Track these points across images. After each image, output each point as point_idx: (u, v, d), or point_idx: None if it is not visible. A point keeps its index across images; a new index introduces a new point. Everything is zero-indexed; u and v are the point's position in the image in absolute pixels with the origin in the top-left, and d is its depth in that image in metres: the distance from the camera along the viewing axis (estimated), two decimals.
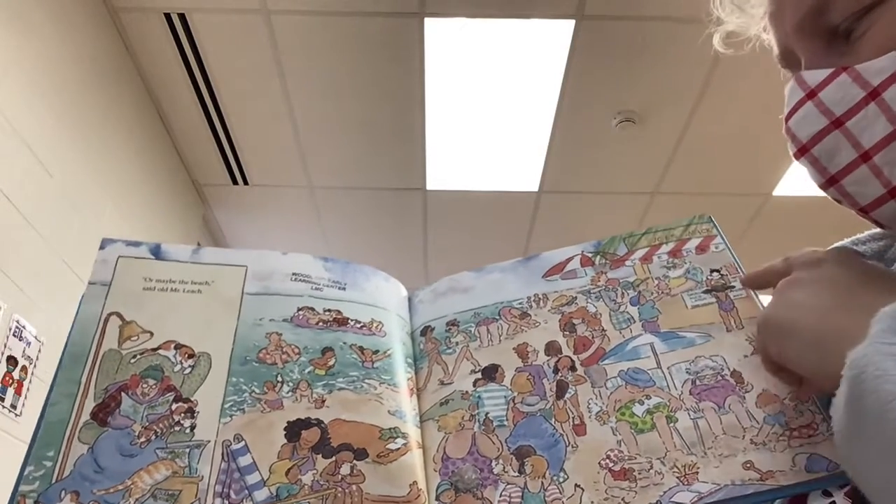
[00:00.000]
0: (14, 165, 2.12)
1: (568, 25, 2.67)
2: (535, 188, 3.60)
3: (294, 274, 0.59)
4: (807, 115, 0.47)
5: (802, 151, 0.48)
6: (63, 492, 0.45)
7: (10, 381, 2.05)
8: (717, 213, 0.64)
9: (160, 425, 0.49)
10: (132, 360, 0.51)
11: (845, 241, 0.60)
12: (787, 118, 0.49)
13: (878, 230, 0.58)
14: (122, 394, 0.50)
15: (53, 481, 0.45)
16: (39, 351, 2.19)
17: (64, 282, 2.35)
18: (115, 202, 2.78)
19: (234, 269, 0.58)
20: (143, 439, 0.48)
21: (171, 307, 0.55)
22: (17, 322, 2.10)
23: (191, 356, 0.53)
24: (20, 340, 2.11)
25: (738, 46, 0.64)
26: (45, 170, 2.29)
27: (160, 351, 0.52)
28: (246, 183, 3.61)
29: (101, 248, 0.57)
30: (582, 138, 3.25)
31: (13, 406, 2.06)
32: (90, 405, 0.49)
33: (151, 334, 0.53)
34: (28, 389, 2.12)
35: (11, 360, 2.06)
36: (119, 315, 0.53)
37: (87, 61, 2.56)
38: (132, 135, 2.94)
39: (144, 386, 0.50)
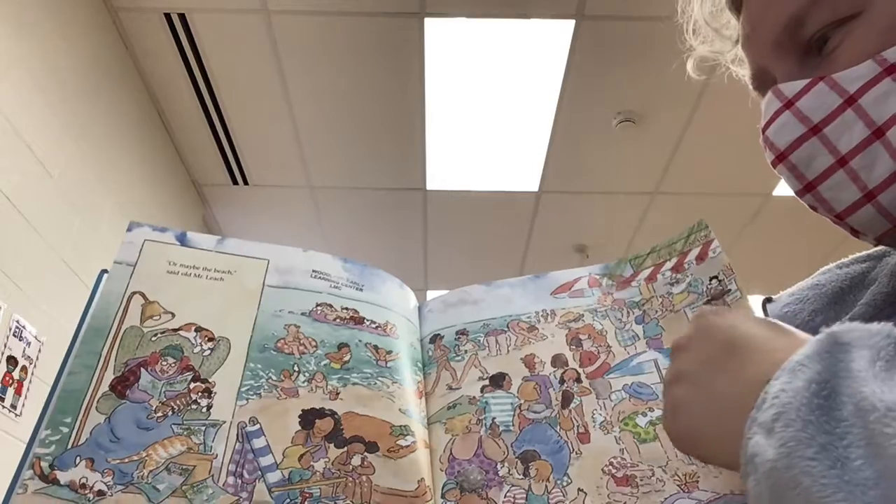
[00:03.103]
0: (14, 165, 2.12)
1: (568, 25, 2.67)
2: (535, 188, 3.60)
3: (314, 271, 0.61)
4: (785, 124, 0.48)
5: (780, 158, 0.49)
6: (78, 457, 0.46)
7: (10, 381, 2.05)
8: (717, 213, 0.65)
9: (177, 402, 0.50)
10: (153, 339, 0.53)
11: (830, 266, 0.61)
12: (765, 128, 0.50)
13: (861, 253, 0.59)
14: (142, 369, 0.51)
15: (69, 447, 0.46)
16: (39, 351, 2.20)
17: (64, 282, 2.36)
18: (115, 202, 2.78)
19: (256, 262, 0.59)
20: (159, 414, 0.49)
21: (193, 292, 0.56)
22: (17, 322, 2.10)
23: (210, 339, 0.54)
24: (20, 340, 2.11)
25: (709, 71, 0.65)
26: (45, 170, 2.29)
27: (181, 332, 0.54)
28: (246, 183, 3.61)
29: (129, 230, 0.58)
30: (582, 138, 3.25)
31: (13, 406, 2.06)
32: (109, 377, 0.50)
33: (173, 315, 0.54)
34: (28, 389, 2.12)
35: (11, 360, 2.06)
36: (142, 294, 0.55)
37: (86, 61, 2.56)
38: (132, 135, 2.94)
39: (164, 364, 0.52)
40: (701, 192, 3.59)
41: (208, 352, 0.53)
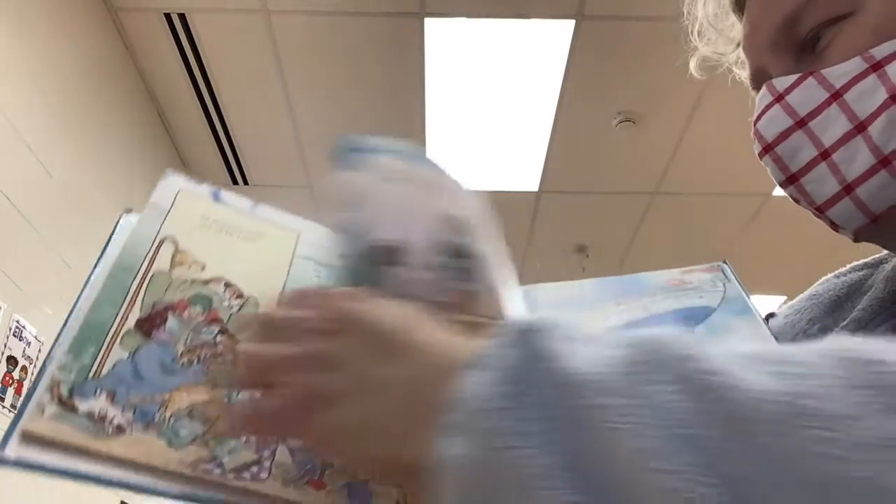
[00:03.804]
0: (14, 165, 2.12)
1: (568, 25, 2.67)
2: (535, 188, 3.60)
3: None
4: (774, 117, 0.49)
5: (767, 150, 0.50)
6: (99, 389, 0.44)
7: (10, 381, 2.05)
8: (717, 213, 0.64)
9: (204, 351, 0.48)
10: (181, 286, 0.51)
11: (828, 276, 0.61)
12: (756, 121, 0.51)
13: (858, 262, 0.60)
14: (169, 313, 0.49)
15: (90, 377, 0.44)
16: (39, 351, 2.19)
17: (64, 282, 2.35)
18: (116, 202, 2.78)
19: (288, 231, 0.59)
20: (185, 360, 0.47)
21: (225, 248, 0.54)
22: (17, 322, 2.10)
23: (239, 297, 0.52)
24: (20, 340, 2.11)
25: (711, 71, 0.66)
26: (45, 170, 2.29)
27: (210, 285, 0.52)
28: (246, 183, 3.61)
29: (164, 178, 0.56)
30: (582, 138, 3.25)
31: (13, 406, 2.06)
32: (135, 315, 0.48)
33: (203, 267, 0.52)
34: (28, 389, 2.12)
35: (11, 360, 2.06)
36: (174, 241, 0.53)
37: (86, 61, 2.56)
38: (132, 135, 2.94)
39: (192, 311, 0.50)
40: (701, 192, 3.59)
41: (236, 308, 0.51)
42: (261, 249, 0.56)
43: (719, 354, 0.28)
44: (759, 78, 0.53)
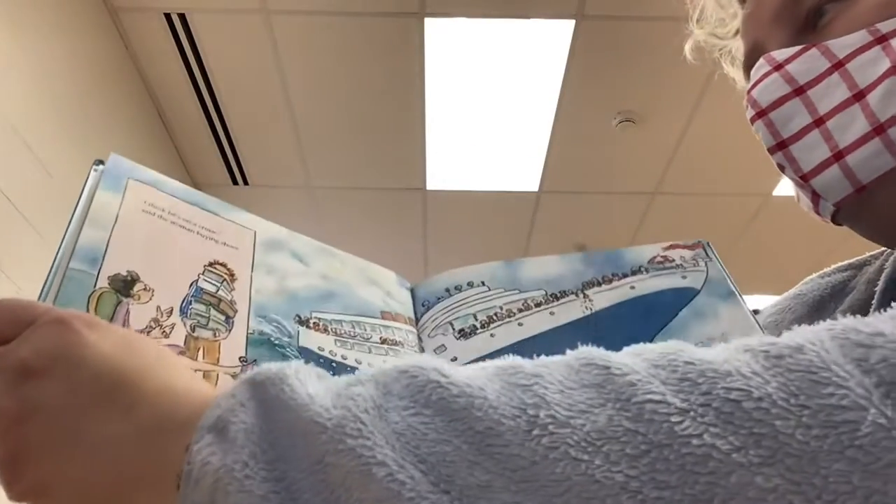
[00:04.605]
0: (14, 165, 2.12)
1: (568, 25, 2.67)
2: (535, 188, 3.60)
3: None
4: (771, 84, 0.49)
5: (760, 115, 0.50)
6: None
7: None
8: (717, 213, 0.64)
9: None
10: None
11: (813, 276, 0.61)
12: (751, 89, 0.51)
13: (843, 263, 0.60)
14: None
15: None
16: None
17: None
18: None
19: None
20: None
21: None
22: None
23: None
24: None
25: (700, 53, 0.68)
26: (45, 170, 2.29)
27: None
28: (246, 183, 3.61)
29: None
30: (582, 138, 3.25)
31: None
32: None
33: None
34: None
35: None
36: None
37: (87, 61, 2.56)
38: (132, 135, 2.94)
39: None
40: (701, 192, 3.59)
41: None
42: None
43: (465, 376, 0.29)
44: (754, 56, 0.53)
